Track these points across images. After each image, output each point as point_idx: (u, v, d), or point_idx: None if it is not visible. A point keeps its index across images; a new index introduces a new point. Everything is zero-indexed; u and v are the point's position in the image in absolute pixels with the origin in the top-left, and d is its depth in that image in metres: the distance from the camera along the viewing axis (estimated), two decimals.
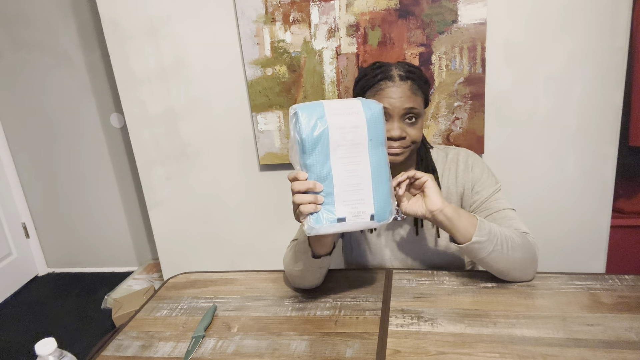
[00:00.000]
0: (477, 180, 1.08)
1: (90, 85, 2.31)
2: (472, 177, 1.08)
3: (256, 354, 0.86)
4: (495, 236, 0.92)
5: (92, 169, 2.47)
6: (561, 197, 1.55)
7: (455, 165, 1.11)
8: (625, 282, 0.97)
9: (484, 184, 1.07)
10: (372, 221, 0.82)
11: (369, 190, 0.82)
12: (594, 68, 1.40)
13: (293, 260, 1.03)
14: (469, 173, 1.09)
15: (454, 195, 1.11)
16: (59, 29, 2.23)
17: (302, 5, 1.46)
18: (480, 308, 0.91)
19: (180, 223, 1.86)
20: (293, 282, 1.07)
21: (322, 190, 0.81)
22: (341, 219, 0.80)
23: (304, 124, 0.79)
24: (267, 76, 1.56)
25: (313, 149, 0.80)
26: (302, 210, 0.82)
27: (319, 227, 0.80)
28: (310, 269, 1.00)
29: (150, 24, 1.61)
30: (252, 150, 1.70)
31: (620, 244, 1.72)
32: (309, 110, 0.80)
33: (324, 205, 0.81)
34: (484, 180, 1.08)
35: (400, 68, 1.01)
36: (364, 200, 0.81)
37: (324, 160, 0.80)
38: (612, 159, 1.49)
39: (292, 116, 0.83)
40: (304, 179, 0.82)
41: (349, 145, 0.81)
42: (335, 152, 0.80)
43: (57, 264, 2.73)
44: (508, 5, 1.39)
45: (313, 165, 0.80)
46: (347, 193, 0.81)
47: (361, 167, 0.81)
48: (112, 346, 0.93)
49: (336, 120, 0.80)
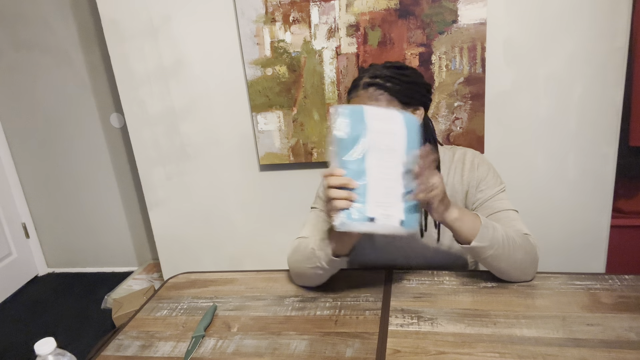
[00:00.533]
0: (482, 179, 1.08)
1: (90, 85, 2.31)
2: (478, 176, 1.09)
3: (256, 353, 0.86)
4: (498, 237, 0.93)
5: (92, 169, 2.47)
6: (561, 197, 1.55)
7: (461, 164, 1.12)
8: (625, 282, 0.97)
9: (488, 183, 1.08)
10: (400, 226, 0.84)
11: (400, 196, 0.84)
12: (594, 68, 1.40)
13: (305, 258, 1.02)
14: (474, 172, 1.09)
15: (460, 193, 1.11)
16: (59, 29, 2.23)
17: (302, 5, 1.46)
18: (480, 308, 0.91)
19: (180, 223, 1.86)
20: (298, 279, 1.07)
21: (357, 187, 0.82)
22: (371, 219, 0.82)
23: (344, 122, 0.82)
24: (267, 76, 1.56)
25: (351, 147, 0.82)
26: (336, 204, 0.83)
27: (349, 222, 0.82)
28: (324, 267, 0.99)
29: (150, 24, 1.61)
30: (252, 150, 1.70)
31: (620, 244, 1.72)
32: (350, 110, 0.83)
33: (356, 203, 0.82)
34: (489, 179, 1.09)
35: (371, 74, 1.02)
36: (395, 205, 0.83)
37: (361, 159, 0.82)
38: (612, 159, 1.49)
39: (333, 115, 0.85)
40: (341, 175, 0.83)
41: (386, 150, 0.83)
42: (372, 153, 0.83)
43: (57, 264, 2.73)
44: (508, 5, 1.39)
45: (350, 163, 0.83)
46: (380, 195, 0.83)
47: (395, 172, 0.84)
48: (112, 346, 0.93)
49: (376, 124, 0.83)
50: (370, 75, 1.02)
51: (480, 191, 1.08)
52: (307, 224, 1.14)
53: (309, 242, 1.03)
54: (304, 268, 1.03)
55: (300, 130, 1.60)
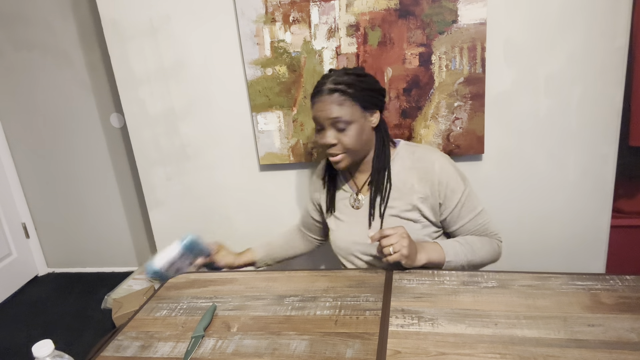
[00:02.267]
0: (445, 185, 1.16)
1: (90, 85, 2.31)
2: (440, 181, 1.16)
3: (256, 353, 0.86)
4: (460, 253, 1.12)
5: (92, 169, 2.47)
6: (561, 197, 1.55)
7: (422, 164, 1.18)
8: (626, 282, 0.96)
9: (452, 189, 1.16)
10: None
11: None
12: (594, 68, 1.40)
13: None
14: (435, 175, 1.16)
15: (418, 193, 1.17)
16: (59, 29, 2.23)
17: (302, 5, 1.46)
18: (481, 308, 0.91)
19: (180, 223, 1.86)
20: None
21: None
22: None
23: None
24: (267, 76, 1.55)
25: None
26: None
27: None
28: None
29: (150, 24, 1.61)
30: (252, 150, 1.70)
31: (620, 244, 1.72)
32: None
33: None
34: (452, 184, 1.16)
35: (334, 80, 1.11)
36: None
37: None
38: (612, 159, 1.49)
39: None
40: None
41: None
42: None
43: (57, 264, 2.73)
44: (508, 5, 1.39)
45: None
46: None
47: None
48: (112, 346, 0.93)
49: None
50: (334, 82, 1.11)
51: (447, 199, 1.16)
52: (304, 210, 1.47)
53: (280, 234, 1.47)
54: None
55: (300, 130, 1.59)
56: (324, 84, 1.13)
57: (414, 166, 1.18)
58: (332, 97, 1.10)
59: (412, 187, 1.17)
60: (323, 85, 1.13)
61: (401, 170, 1.19)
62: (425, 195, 1.16)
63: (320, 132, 1.17)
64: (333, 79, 1.12)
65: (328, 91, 1.11)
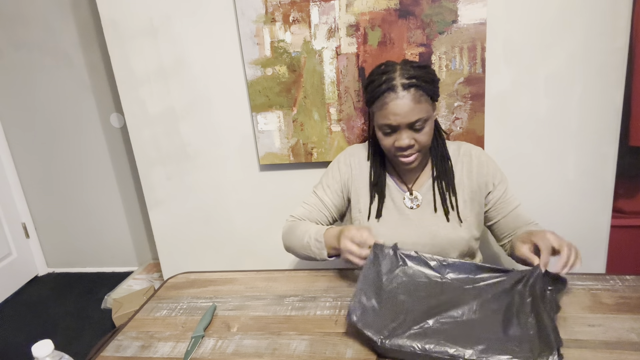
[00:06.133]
0: (492, 177, 1.15)
1: (90, 85, 2.31)
2: (487, 174, 1.15)
3: (256, 353, 0.86)
4: None
5: (92, 169, 2.47)
6: (561, 197, 1.55)
7: (469, 159, 1.17)
8: (627, 282, 0.96)
9: (499, 180, 1.16)
10: None
11: None
12: (594, 68, 1.40)
13: (300, 245, 1.09)
14: (483, 169, 1.15)
15: (467, 187, 1.16)
16: (59, 29, 2.23)
17: (302, 5, 1.46)
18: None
19: (180, 223, 1.86)
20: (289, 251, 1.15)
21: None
22: None
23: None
24: (267, 76, 1.55)
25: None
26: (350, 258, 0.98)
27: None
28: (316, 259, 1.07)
29: (150, 24, 1.61)
30: (252, 150, 1.70)
31: (620, 244, 1.72)
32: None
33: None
34: (498, 176, 1.16)
35: (404, 74, 1.01)
36: None
37: None
38: (612, 159, 1.49)
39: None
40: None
41: None
42: None
43: (57, 264, 2.73)
44: (508, 5, 1.39)
45: None
46: None
47: None
48: (112, 346, 0.93)
49: None
50: (406, 76, 1.00)
51: (495, 189, 1.15)
52: (305, 206, 1.22)
53: (305, 230, 1.09)
54: (298, 251, 1.11)
55: (300, 130, 1.59)
56: (393, 79, 1.00)
57: (461, 161, 1.17)
58: (410, 94, 0.99)
59: (462, 181, 1.15)
60: (392, 80, 1.00)
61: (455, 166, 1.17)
62: (472, 189, 1.15)
63: (391, 135, 1.04)
64: (401, 72, 1.00)
65: (403, 87, 0.99)
